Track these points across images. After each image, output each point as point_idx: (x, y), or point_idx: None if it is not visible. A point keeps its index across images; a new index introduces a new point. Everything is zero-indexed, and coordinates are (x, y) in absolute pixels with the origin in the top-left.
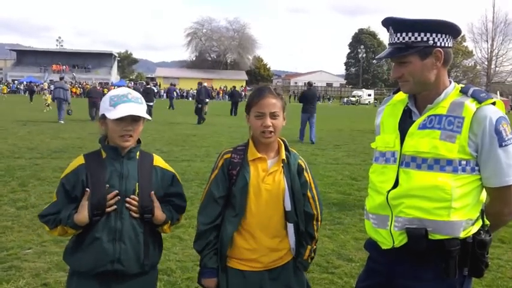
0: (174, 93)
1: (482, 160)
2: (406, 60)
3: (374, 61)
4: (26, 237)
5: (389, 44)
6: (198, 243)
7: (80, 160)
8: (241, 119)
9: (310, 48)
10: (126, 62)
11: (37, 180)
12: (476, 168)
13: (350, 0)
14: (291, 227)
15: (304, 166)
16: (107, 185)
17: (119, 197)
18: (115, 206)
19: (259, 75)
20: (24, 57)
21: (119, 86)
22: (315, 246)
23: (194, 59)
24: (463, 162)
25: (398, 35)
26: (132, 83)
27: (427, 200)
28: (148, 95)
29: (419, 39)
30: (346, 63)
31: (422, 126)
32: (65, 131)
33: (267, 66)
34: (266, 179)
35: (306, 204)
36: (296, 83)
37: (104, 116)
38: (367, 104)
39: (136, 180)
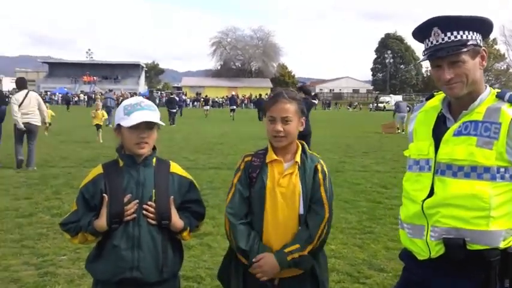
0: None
1: None
2: (459, 59)
3: (402, 66)
4: (61, 244)
5: (434, 45)
6: (240, 241)
7: (99, 169)
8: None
9: (336, 54)
10: (153, 72)
11: (70, 188)
12: None
13: (376, 5)
14: None
15: (320, 168)
16: (129, 195)
17: (137, 205)
18: (134, 215)
19: (283, 83)
20: (56, 69)
21: (147, 97)
22: (306, 251)
23: (219, 67)
24: (502, 170)
25: (449, 33)
26: (159, 93)
27: (464, 209)
28: (171, 103)
29: (470, 37)
30: (372, 69)
31: (458, 133)
32: (95, 141)
33: (292, 74)
34: (281, 181)
35: (318, 206)
36: (321, 90)
37: (119, 126)
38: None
39: (153, 187)
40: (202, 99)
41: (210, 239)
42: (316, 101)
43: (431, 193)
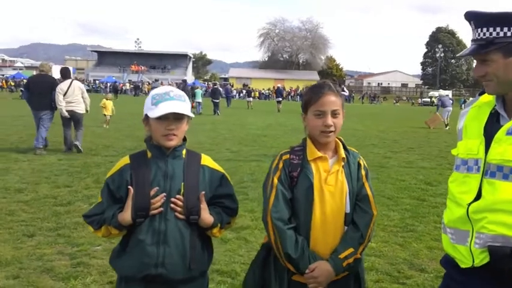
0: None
1: None
2: (487, 58)
3: (453, 61)
4: None
5: (472, 40)
6: (288, 247)
7: (126, 160)
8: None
9: (385, 47)
10: (201, 63)
11: None
12: None
13: None
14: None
15: (362, 164)
16: (156, 188)
17: (165, 198)
18: (161, 209)
19: (331, 76)
20: (105, 58)
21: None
22: (359, 253)
23: (266, 59)
24: None
25: (479, 30)
26: (206, 83)
27: None
28: (215, 94)
29: (501, 34)
30: (422, 63)
31: None
32: (139, 129)
33: (340, 67)
34: (328, 179)
35: (365, 204)
36: (369, 83)
37: (147, 116)
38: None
39: (181, 180)
40: (245, 91)
41: (247, 232)
42: (346, 93)
43: (478, 196)
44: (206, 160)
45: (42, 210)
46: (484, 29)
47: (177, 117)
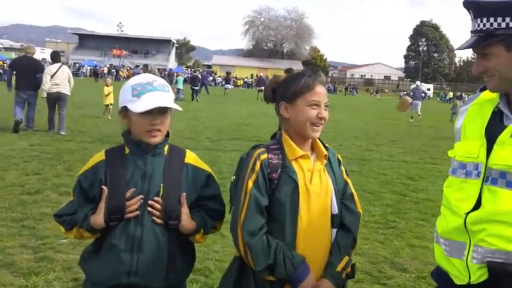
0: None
1: None
2: (488, 51)
3: (435, 54)
4: None
5: (471, 32)
6: (259, 261)
7: (101, 156)
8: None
9: (369, 39)
10: (184, 49)
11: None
12: None
13: None
14: (334, 233)
15: (340, 159)
16: (133, 189)
17: (142, 201)
18: (137, 212)
19: (315, 66)
20: (86, 41)
21: (176, 73)
22: (352, 259)
23: (251, 47)
24: None
25: (479, 20)
26: (189, 70)
27: None
28: (194, 81)
29: (503, 25)
30: (405, 56)
31: None
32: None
33: (324, 57)
34: (313, 179)
35: (351, 203)
36: (352, 75)
37: (125, 109)
38: (423, 97)
39: (161, 181)
40: (220, 78)
41: (224, 226)
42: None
43: (477, 205)
44: (191, 158)
45: (7, 199)
46: (485, 19)
47: (162, 111)
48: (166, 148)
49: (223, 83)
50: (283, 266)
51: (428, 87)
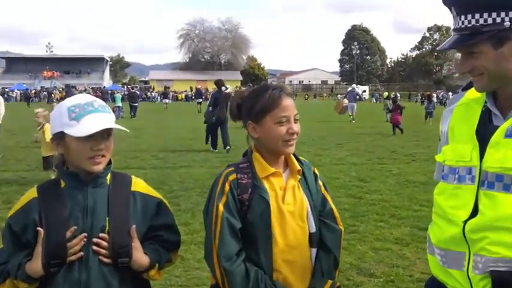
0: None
1: None
2: (475, 50)
3: (368, 57)
4: None
5: (454, 30)
6: (240, 285)
7: (32, 193)
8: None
9: (305, 46)
10: (119, 66)
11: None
12: None
13: None
14: (314, 253)
15: (318, 174)
16: (74, 227)
17: (85, 240)
18: (80, 253)
19: (253, 75)
20: (14, 65)
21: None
22: (336, 281)
23: (188, 60)
24: None
25: (463, 17)
26: (125, 87)
27: None
28: (133, 98)
29: (490, 21)
30: (340, 60)
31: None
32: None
33: (262, 66)
34: (286, 197)
35: (331, 219)
36: (291, 81)
37: (61, 134)
38: (359, 99)
39: (106, 214)
40: (160, 93)
41: (183, 249)
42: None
43: (475, 212)
44: (138, 185)
45: None
46: (469, 16)
47: (106, 134)
48: (108, 177)
49: (162, 97)
50: None
51: (364, 89)
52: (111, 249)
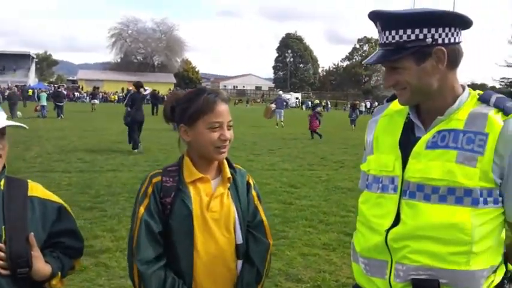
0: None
1: (508, 188)
2: (398, 65)
3: (301, 65)
4: None
5: (379, 45)
6: None
7: None
8: (163, 122)
9: (240, 52)
10: (45, 64)
11: None
12: (500, 199)
13: (278, 6)
14: (240, 265)
15: (252, 183)
16: None
17: None
18: None
19: (187, 78)
20: None
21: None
22: None
23: (119, 60)
24: (485, 192)
25: (387, 33)
26: (52, 86)
27: (440, 242)
28: (58, 97)
29: (413, 37)
30: (274, 67)
31: (432, 145)
32: None
33: (196, 69)
34: (212, 205)
35: (260, 232)
36: (225, 86)
37: None
38: (294, 106)
39: (2, 223)
40: (89, 93)
41: (107, 257)
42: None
43: (397, 221)
44: (35, 189)
45: None
46: (393, 32)
47: (1, 133)
48: (2, 182)
49: (91, 97)
50: None
51: (296, 96)
52: (9, 259)
